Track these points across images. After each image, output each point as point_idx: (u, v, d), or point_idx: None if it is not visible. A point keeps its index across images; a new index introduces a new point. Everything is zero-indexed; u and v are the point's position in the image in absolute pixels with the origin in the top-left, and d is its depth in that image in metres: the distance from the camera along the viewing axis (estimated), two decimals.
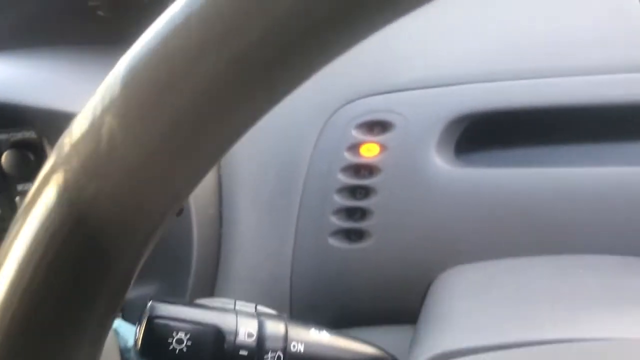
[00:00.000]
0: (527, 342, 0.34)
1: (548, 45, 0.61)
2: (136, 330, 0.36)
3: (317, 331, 0.40)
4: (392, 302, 0.59)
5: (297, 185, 0.62)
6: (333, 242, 0.60)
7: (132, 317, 0.45)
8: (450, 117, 0.59)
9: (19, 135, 0.57)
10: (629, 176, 0.54)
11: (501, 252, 0.54)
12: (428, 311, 0.45)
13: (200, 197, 0.59)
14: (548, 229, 0.54)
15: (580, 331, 0.35)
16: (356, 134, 0.61)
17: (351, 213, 0.60)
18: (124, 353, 0.43)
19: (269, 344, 0.38)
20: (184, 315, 0.36)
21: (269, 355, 0.37)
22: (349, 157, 0.61)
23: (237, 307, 0.39)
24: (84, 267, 0.22)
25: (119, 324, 0.46)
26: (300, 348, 0.39)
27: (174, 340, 0.36)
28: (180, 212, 0.63)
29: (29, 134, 0.57)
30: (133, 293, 0.59)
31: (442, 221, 0.57)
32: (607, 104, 0.57)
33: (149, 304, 0.36)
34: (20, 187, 0.58)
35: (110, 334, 0.42)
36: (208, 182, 0.60)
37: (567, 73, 0.58)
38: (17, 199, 0.57)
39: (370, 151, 0.61)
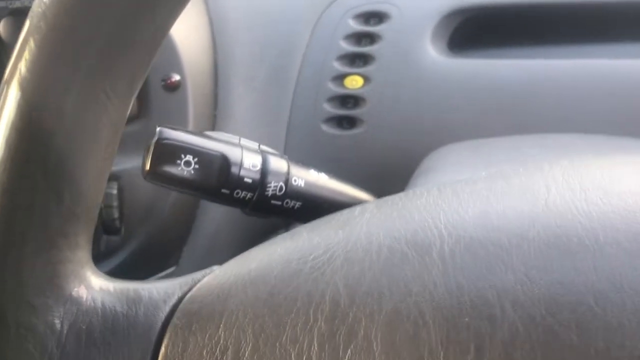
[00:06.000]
0: None
1: None
2: (144, 155, 0.37)
3: (316, 172, 0.42)
4: (382, 187, 0.61)
5: (291, 72, 0.63)
6: (326, 128, 0.62)
7: None
8: (444, 11, 0.61)
9: (17, 3, 0.57)
10: (608, 68, 0.56)
11: (487, 135, 0.56)
12: (420, 170, 0.47)
13: (196, 75, 0.60)
14: (532, 113, 0.56)
15: None
16: (353, 24, 0.62)
17: (344, 101, 0.62)
18: None
19: (271, 176, 0.39)
20: (192, 141, 0.38)
21: (272, 184, 0.39)
22: (345, 46, 0.62)
23: (241, 142, 0.40)
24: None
25: None
26: (301, 183, 0.40)
27: (182, 162, 0.37)
28: (176, 87, 0.63)
29: (28, 2, 0.57)
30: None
31: (432, 107, 0.59)
32: (590, 3, 0.59)
33: (158, 128, 0.37)
34: None
35: None
36: (204, 62, 0.61)
37: None
38: None
39: (365, 43, 0.62)
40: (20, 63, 0.24)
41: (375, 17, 0.62)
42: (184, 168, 0.37)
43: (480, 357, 0.20)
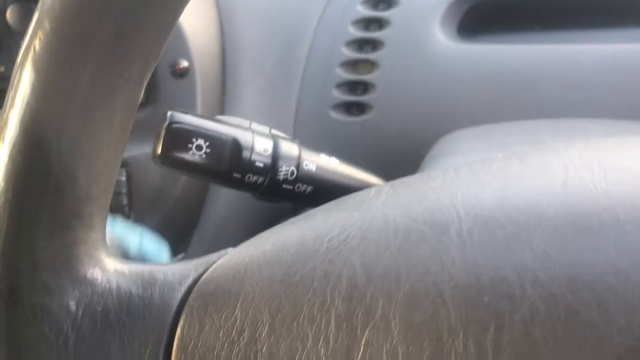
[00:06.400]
0: None
1: None
2: (155, 139, 0.37)
3: (327, 157, 0.42)
4: (391, 172, 0.61)
5: (299, 58, 0.63)
6: (334, 114, 0.62)
7: None
8: None
9: None
10: (618, 53, 0.56)
11: (497, 120, 0.56)
12: (430, 156, 0.47)
13: (204, 61, 0.59)
14: (543, 97, 0.56)
15: None
16: (361, 9, 0.62)
17: (353, 87, 0.62)
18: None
19: (283, 161, 0.39)
20: (203, 125, 0.37)
21: (283, 169, 0.39)
22: (353, 32, 0.61)
23: (252, 127, 0.40)
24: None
25: (119, 227, 0.43)
26: (312, 167, 0.40)
27: (194, 146, 0.37)
28: (184, 73, 0.62)
29: None
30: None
31: (442, 93, 0.59)
32: None
33: (169, 113, 0.37)
34: None
35: (110, 241, 0.42)
36: (212, 48, 0.61)
37: None
38: None
39: (373, 28, 0.62)
40: (35, 42, 0.24)
41: (384, 2, 0.62)
42: (196, 152, 0.37)
43: (500, 336, 0.20)
